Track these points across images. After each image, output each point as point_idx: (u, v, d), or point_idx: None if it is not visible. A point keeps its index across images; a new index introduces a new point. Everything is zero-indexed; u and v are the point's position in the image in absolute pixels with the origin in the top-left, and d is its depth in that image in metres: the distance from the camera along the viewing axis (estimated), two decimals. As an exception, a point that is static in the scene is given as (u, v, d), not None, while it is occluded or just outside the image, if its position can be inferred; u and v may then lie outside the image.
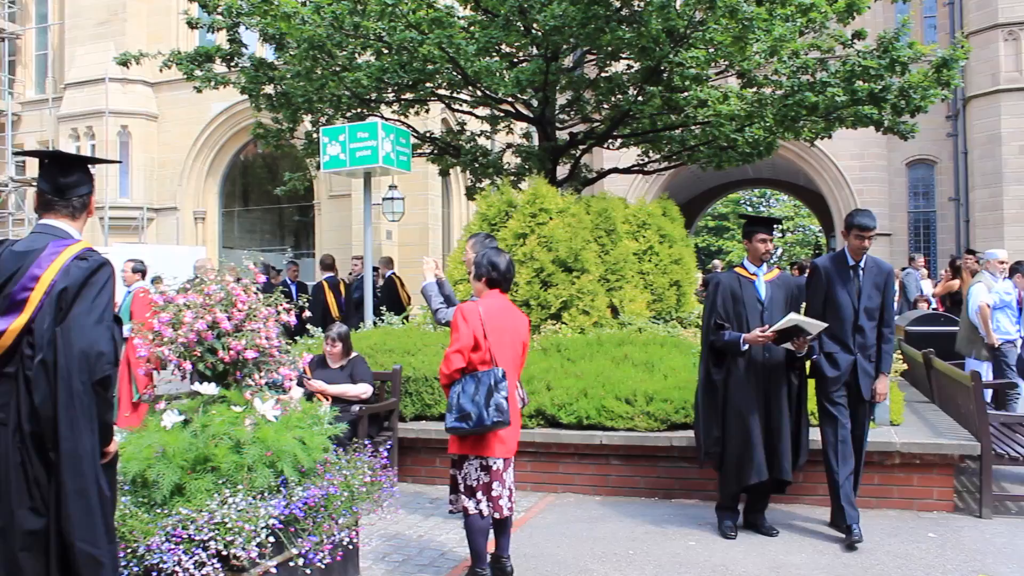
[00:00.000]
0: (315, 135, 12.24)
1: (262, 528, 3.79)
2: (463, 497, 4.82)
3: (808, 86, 9.81)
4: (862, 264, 5.84)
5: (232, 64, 12.13)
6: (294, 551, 3.99)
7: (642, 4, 9.27)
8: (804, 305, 6.05)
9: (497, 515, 4.83)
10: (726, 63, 10.49)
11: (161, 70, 12.48)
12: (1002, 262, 9.48)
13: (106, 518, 3.13)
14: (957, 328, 10.04)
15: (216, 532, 3.71)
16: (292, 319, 4.70)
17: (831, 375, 5.77)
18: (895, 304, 6.24)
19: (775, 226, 6.25)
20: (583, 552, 5.54)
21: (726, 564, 5.28)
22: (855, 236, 5.77)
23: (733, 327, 5.77)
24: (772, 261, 6.08)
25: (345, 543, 4.33)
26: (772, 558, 5.37)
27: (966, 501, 6.64)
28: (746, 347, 5.68)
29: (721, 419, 5.83)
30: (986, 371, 8.98)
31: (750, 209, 49.04)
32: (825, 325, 5.66)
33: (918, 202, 23.54)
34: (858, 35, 10.47)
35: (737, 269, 6.01)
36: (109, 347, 3.06)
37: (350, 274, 13.77)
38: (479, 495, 4.78)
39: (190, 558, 3.65)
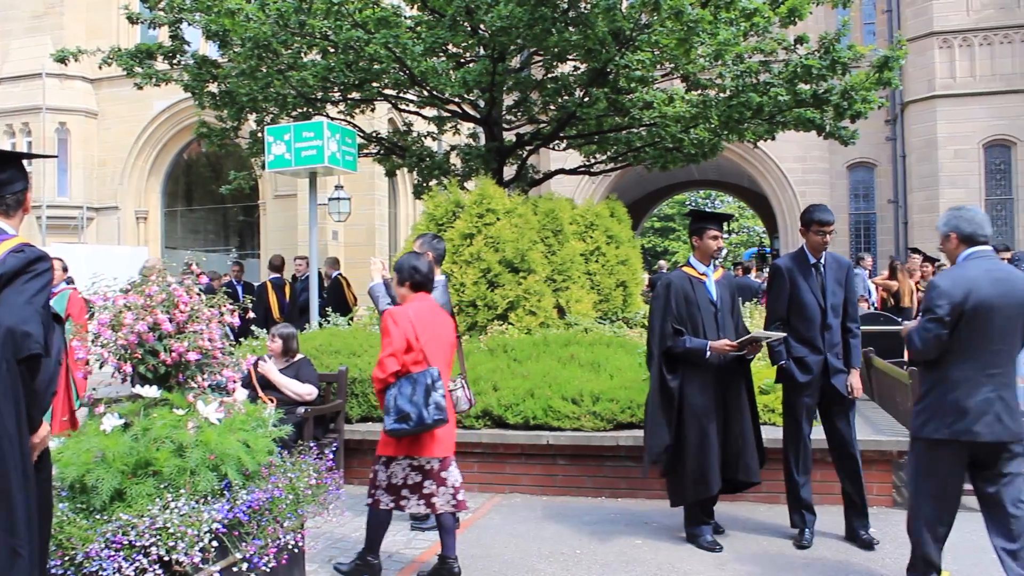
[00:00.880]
0: (260, 134, 12.11)
1: (205, 532, 3.73)
2: (379, 492, 4.87)
3: (752, 87, 9.96)
4: (822, 261, 5.70)
5: (175, 61, 11.94)
6: (238, 555, 3.93)
7: (588, 6, 9.33)
8: (744, 305, 5.99)
9: (429, 511, 4.89)
10: (671, 66, 10.60)
11: (100, 67, 12.24)
12: None
13: (29, 509, 3.02)
14: (895, 327, 10.22)
15: (158, 537, 3.64)
16: (236, 320, 4.64)
17: (803, 380, 5.59)
18: None
19: (725, 223, 6.16)
20: (530, 552, 5.56)
21: (672, 562, 5.32)
22: (815, 232, 5.63)
23: (687, 331, 5.58)
24: (717, 261, 6.02)
25: (290, 546, 4.28)
26: (717, 556, 5.43)
27: (904, 496, 6.78)
28: (709, 355, 5.49)
29: (676, 428, 5.59)
30: None
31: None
32: (784, 335, 5.59)
33: (859, 204, 24.05)
34: (800, 40, 10.65)
35: (686, 269, 5.79)
36: (37, 329, 2.98)
37: (294, 276, 13.61)
38: (404, 492, 4.83)
39: (130, 564, 3.58)
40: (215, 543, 3.78)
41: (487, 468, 7.08)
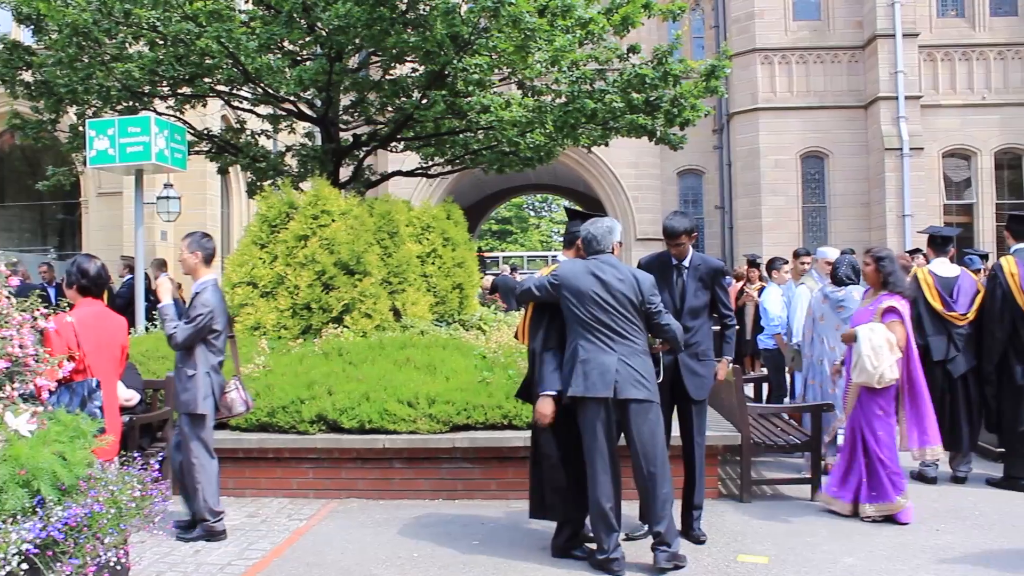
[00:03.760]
0: (81, 128, 11.47)
1: (13, 555, 3.49)
2: None
3: (587, 94, 10.23)
4: (687, 263, 5.76)
5: (-21, 45, 11.15)
6: (52, 576, 3.71)
7: (428, 8, 9.33)
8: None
9: None
10: (509, 70, 10.74)
11: None
12: (829, 263, 8.82)
13: None
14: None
15: (-42, 562, 3.39)
16: (50, 325, 4.40)
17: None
18: None
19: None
20: (367, 557, 5.50)
21: (508, 562, 5.38)
22: (665, 242, 5.75)
23: None
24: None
25: (112, 564, 4.07)
26: (552, 557, 5.50)
27: (729, 488, 7.13)
28: None
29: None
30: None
31: (532, 213, 50.45)
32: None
33: (688, 209, 25.03)
34: (633, 49, 11.01)
35: None
36: None
37: (120, 276, 12.96)
38: None
39: (-74, 593, 3.32)
40: (25, 565, 3.55)
41: (322, 474, 6.96)
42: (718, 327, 6.03)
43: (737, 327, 6.06)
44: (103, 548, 3.97)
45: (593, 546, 5.36)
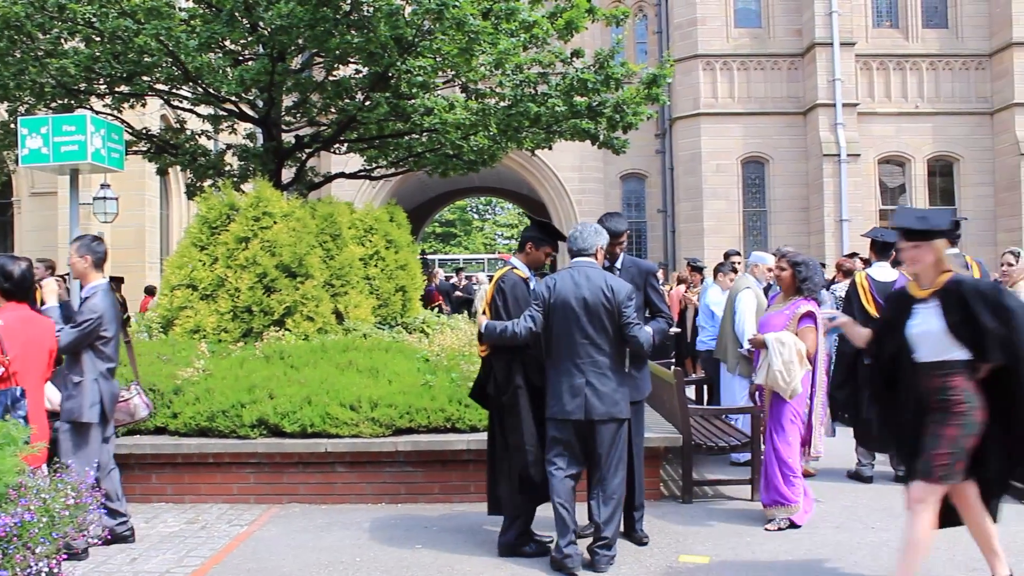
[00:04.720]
0: (13, 125, 11.18)
1: (-62, 565, 3.39)
2: None
3: (530, 97, 10.26)
4: (619, 265, 5.84)
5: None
6: (-21, 587, 3.60)
7: (371, 10, 9.28)
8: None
9: None
10: (452, 73, 10.73)
11: None
12: (770, 269, 8.60)
13: None
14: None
15: None
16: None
17: None
18: None
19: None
20: (309, 562, 5.44)
21: (451, 564, 5.37)
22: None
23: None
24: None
25: (44, 574, 3.97)
26: (493, 558, 5.50)
27: (671, 489, 7.19)
28: None
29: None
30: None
31: (476, 216, 50.49)
32: None
33: (631, 213, 25.24)
34: (576, 54, 11.08)
35: (516, 272, 5.71)
36: None
37: (38, 280, 12.59)
38: None
39: None
40: (-49, 575, 3.45)
41: (263, 478, 6.87)
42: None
43: (674, 324, 6.05)
44: (34, 558, 3.86)
45: (543, 536, 5.54)
